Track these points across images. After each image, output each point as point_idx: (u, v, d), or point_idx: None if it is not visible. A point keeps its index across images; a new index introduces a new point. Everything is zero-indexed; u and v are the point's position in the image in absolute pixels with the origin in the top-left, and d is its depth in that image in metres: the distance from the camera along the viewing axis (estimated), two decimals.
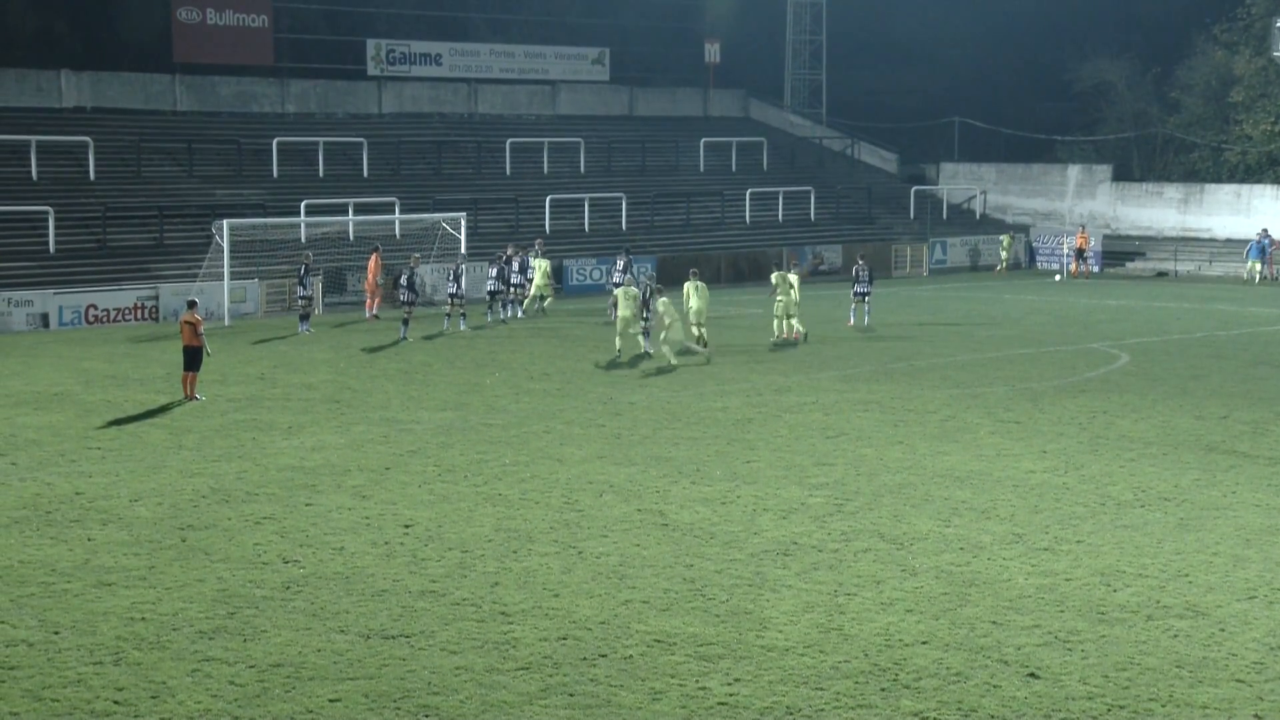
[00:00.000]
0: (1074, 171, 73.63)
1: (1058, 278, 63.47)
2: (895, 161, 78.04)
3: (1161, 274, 65.66)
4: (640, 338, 38.20)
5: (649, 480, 23.64)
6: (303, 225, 51.49)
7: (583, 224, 60.25)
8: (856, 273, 45.46)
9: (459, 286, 43.77)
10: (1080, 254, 64.45)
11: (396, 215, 53.96)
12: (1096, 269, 65.86)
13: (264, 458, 25.34)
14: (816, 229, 66.20)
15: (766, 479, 23.78)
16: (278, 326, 44.77)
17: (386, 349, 39.64)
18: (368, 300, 46.90)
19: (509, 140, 64.26)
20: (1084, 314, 48.95)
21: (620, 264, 47.98)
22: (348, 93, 65.56)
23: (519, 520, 21.13)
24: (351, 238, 52.78)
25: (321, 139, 59.69)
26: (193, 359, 31.02)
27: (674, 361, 36.07)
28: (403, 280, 42.14)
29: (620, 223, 61.12)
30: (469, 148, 64.66)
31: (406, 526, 20.77)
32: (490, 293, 46.29)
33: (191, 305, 31.99)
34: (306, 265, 44.30)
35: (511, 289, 46.80)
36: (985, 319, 47.47)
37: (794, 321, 40.98)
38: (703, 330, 38.44)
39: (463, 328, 43.20)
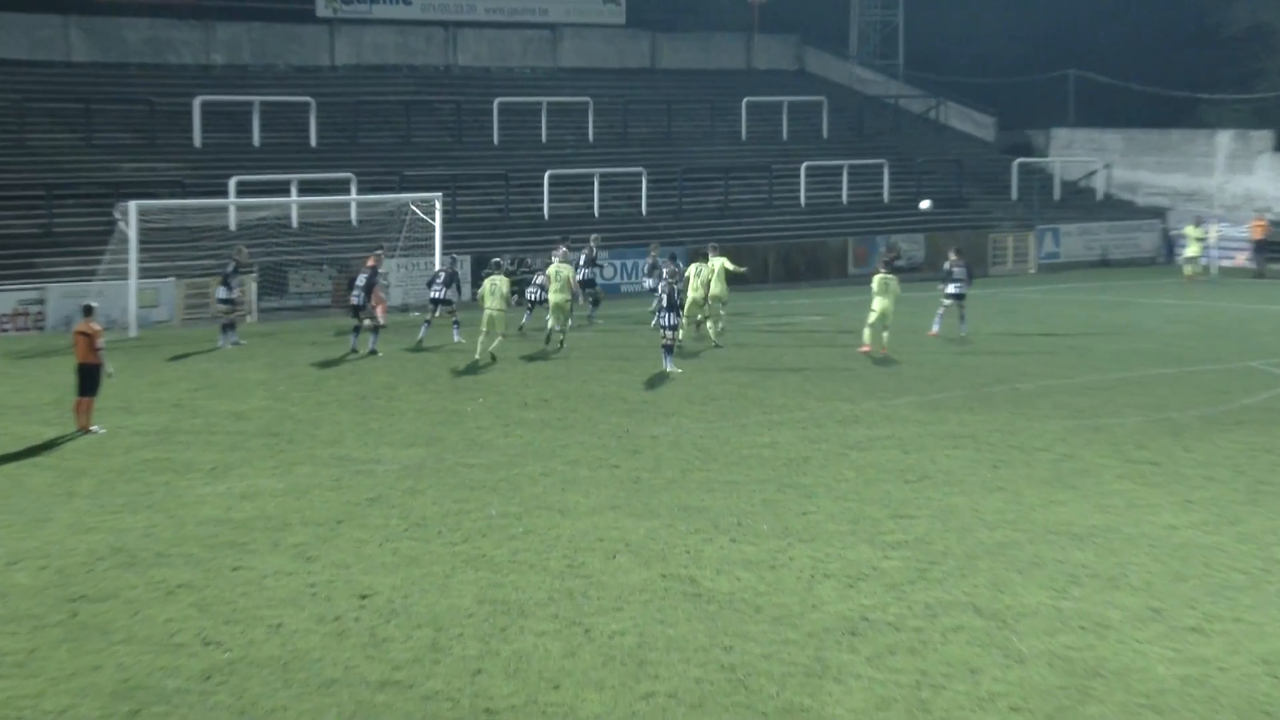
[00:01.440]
0: (1224, 139, 73.54)
1: (1196, 270, 63.02)
2: (992, 127, 78.08)
3: None
4: (665, 359, 38.45)
5: (676, 537, 23.51)
6: (232, 209, 51.53)
7: (591, 208, 60.25)
8: (949, 269, 45.35)
9: (447, 290, 43.46)
10: (1262, 247, 64.20)
11: (353, 197, 53.99)
12: (1255, 266, 65.66)
13: (180, 508, 25.24)
14: (891, 214, 66.18)
15: (828, 536, 23.64)
16: (199, 339, 44.77)
17: (339, 367, 39.58)
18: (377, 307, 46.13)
19: (497, 100, 64.37)
20: (1239, 324, 48.80)
21: (648, 263, 48.09)
22: (291, 39, 65.77)
23: (508, 589, 21.00)
24: (295, 225, 52.84)
25: (257, 98, 59.81)
26: (88, 380, 30.95)
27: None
28: (359, 282, 41.98)
29: (639, 206, 61.18)
30: (446, 110, 64.79)
31: (363, 597, 20.66)
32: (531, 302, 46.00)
33: (88, 312, 31.93)
34: (237, 263, 44.13)
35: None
36: (1109, 329, 47.35)
37: (885, 335, 41.41)
38: (707, 321, 42.25)
39: (456, 338, 43.04)
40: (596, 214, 59.85)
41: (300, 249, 51.86)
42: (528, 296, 45.89)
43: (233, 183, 52.69)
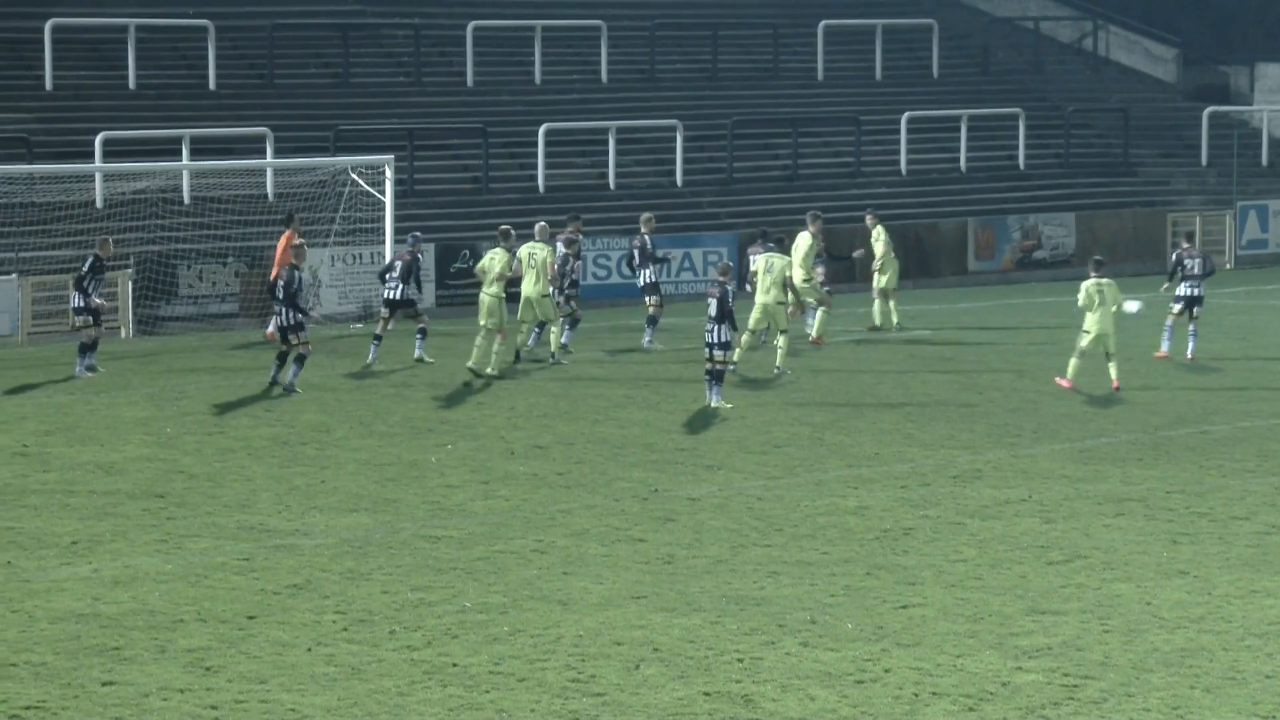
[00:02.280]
0: None
1: None
2: (1173, 62, 78.02)
3: None
4: (710, 391, 38.52)
5: (724, 640, 23.60)
6: (98, 179, 51.65)
7: (606, 176, 60.30)
8: (1179, 260, 45.21)
9: (406, 287, 43.55)
10: None
11: (268, 160, 54.01)
12: None
13: (27, 598, 25.35)
14: (1029, 184, 66.28)
15: (938, 638, 23.73)
16: (53, 361, 44.92)
17: (250, 403, 39.67)
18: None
19: (470, 24, 64.38)
20: None
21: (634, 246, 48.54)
22: None
23: (489, 711, 21.10)
24: (186, 200, 52.98)
25: (132, 20, 59.85)
26: None
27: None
28: (280, 284, 41.62)
29: (674, 174, 61.22)
30: (400, 38, 64.91)
31: None
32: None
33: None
34: (98, 258, 43.78)
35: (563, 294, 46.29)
36: None
37: (1112, 366, 40.83)
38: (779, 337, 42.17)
39: (418, 353, 43.16)
40: (612, 185, 60.03)
41: (195, 235, 51.93)
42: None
43: (99, 140, 52.88)
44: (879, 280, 50.17)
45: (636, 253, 47.47)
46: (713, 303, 38.91)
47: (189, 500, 30.93)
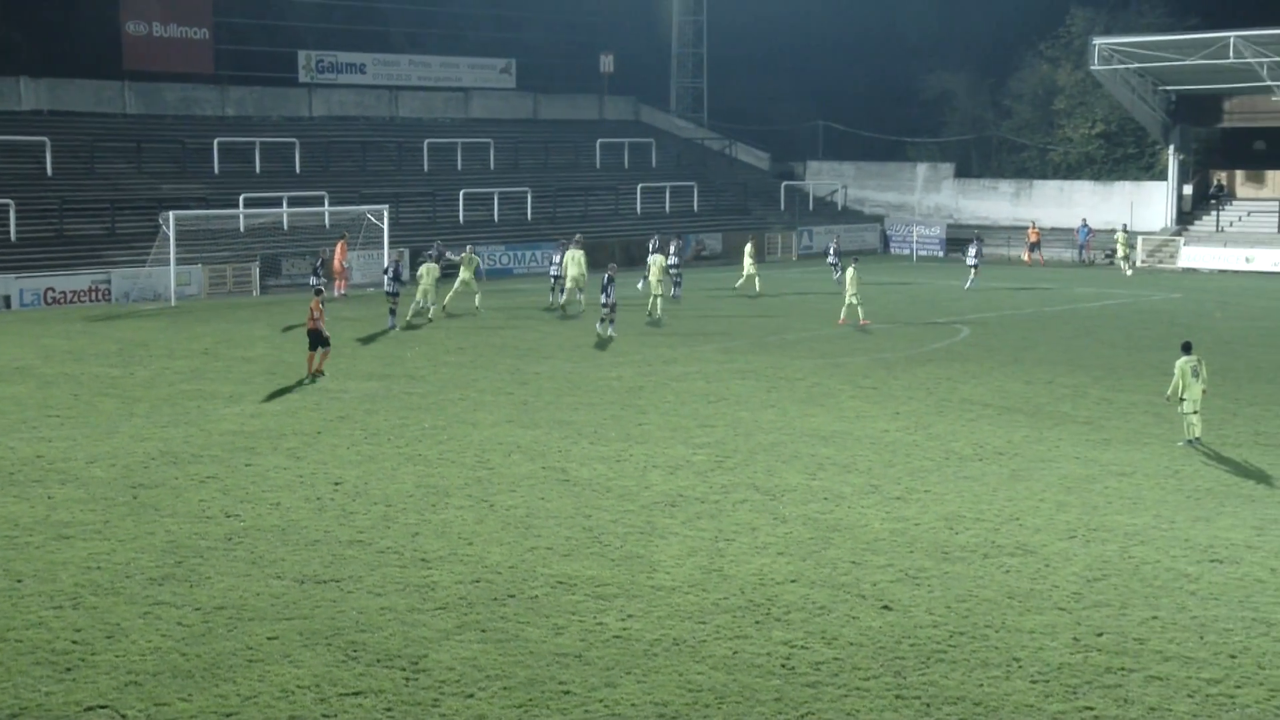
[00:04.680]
0: (921, 169, 74.49)
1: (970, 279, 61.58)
2: (768, 160, 78.32)
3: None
4: (600, 325, 36.46)
5: (552, 441, 23.60)
6: (241, 216, 50.65)
7: (492, 215, 59.86)
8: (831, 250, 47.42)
9: (398, 283, 39.02)
10: (1034, 247, 62.16)
11: (326, 208, 53.12)
12: (941, 254, 66.68)
13: (208, 423, 24.94)
14: (699, 219, 66.30)
15: (656, 439, 23.83)
16: (220, 307, 44.04)
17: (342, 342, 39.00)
18: (337, 282, 45.88)
19: (426, 141, 63.62)
20: (931, 294, 49.50)
21: (673, 248, 46.62)
22: (281, 98, 64.49)
23: (437, 478, 21.01)
24: (285, 227, 52.03)
25: (258, 139, 58.63)
26: (316, 340, 29.60)
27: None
28: (393, 266, 39.50)
29: (526, 214, 60.81)
30: (391, 147, 63.91)
31: (336, 484, 20.57)
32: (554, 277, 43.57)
33: (318, 293, 30.61)
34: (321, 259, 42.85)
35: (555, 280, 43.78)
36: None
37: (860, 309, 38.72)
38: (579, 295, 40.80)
39: (391, 324, 38.75)
40: (496, 220, 59.38)
41: (289, 244, 51.08)
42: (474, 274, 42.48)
43: (242, 198, 51.70)
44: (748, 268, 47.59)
45: (673, 247, 45.73)
46: (607, 276, 36.31)
47: (287, 375, 30.32)
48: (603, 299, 36.20)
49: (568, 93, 76.39)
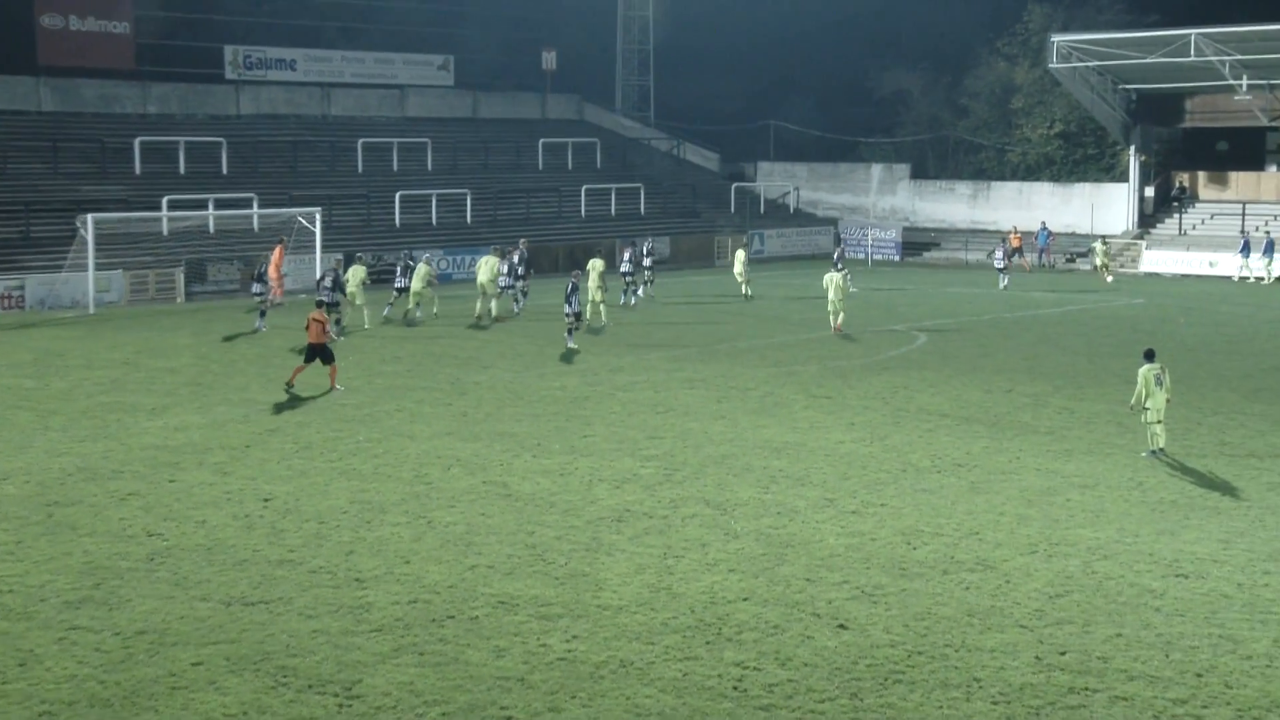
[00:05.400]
0: (876, 170, 74.97)
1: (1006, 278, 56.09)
2: (717, 160, 78.59)
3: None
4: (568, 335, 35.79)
5: (493, 454, 23.51)
6: (165, 219, 50.19)
7: (430, 219, 59.64)
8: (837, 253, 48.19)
9: (332, 292, 37.95)
10: (1016, 252, 60.56)
11: (255, 210, 52.79)
12: (897, 258, 67.11)
13: (129, 437, 24.66)
14: (646, 222, 66.26)
15: (601, 452, 23.78)
16: (143, 315, 43.58)
17: (246, 335, 38.79)
18: (275, 288, 44.31)
19: (361, 140, 63.32)
20: (886, 299, 49.75)
21: (627, 255, 46.62)
22: (207, 95, 63.97)
23: (372, 493, 20.87)
24: (212, 231, 51.59)
25: (182, 138, 58.08)
26: (322, 353, 29.27)
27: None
28: (256, 273, 40.35)
29: (465, 217, 60.63)
30: (323, 147, 63.56)
31: (266, 500, 20.39)
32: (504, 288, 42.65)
33: (319, 305, 30.32)
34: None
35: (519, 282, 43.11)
36: (800, 304, 47.95)
37: (841, 316, 38.73)
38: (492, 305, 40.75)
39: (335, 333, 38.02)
40: (434, 223, 59.23)
41: (216, 248, 50.66)
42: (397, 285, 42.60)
43: (165, 200, 51.18)
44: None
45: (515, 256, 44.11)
46: (571, 284, 35.69)
47: (214, 386, 30.15)
48: (566, 309, 35.64)
49: (509, 90, 76.35)
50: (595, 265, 41.91)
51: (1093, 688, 13.73)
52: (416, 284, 41.44)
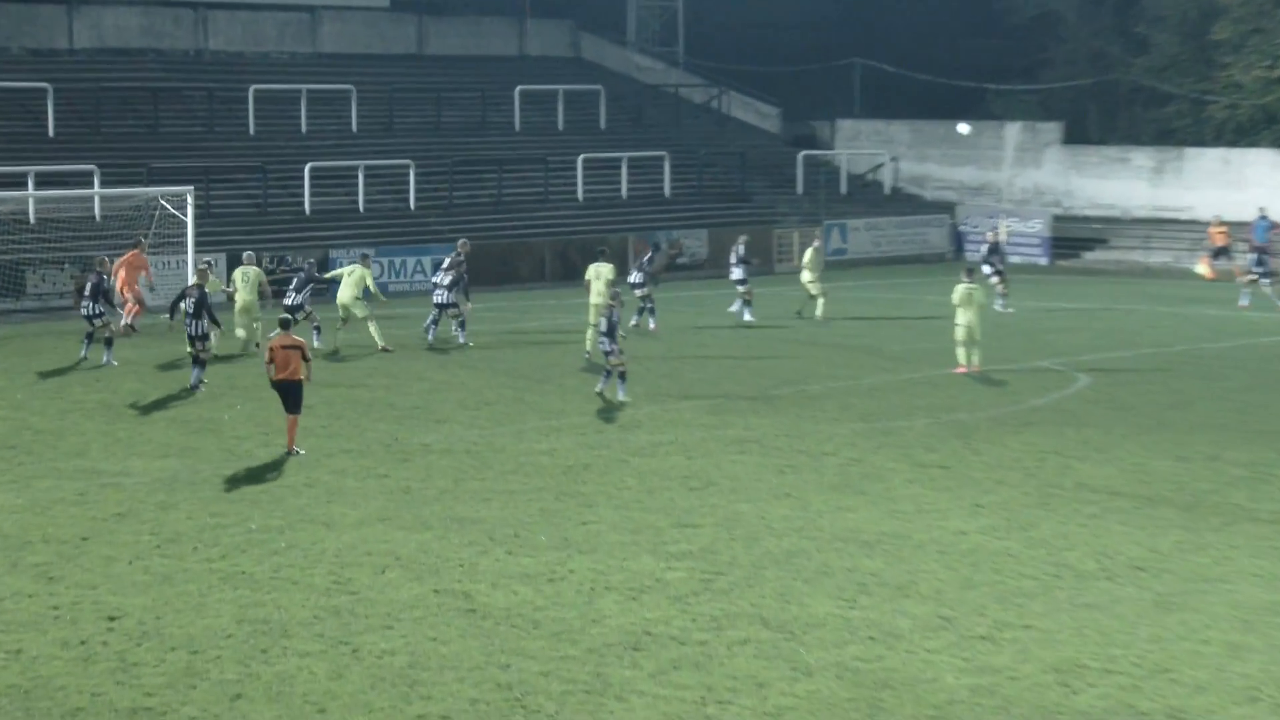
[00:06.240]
0: (1012, 131, 74.96)
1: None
2: (777, 118, 78.77)
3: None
4: (606, 380, 35.95)
5: (449, 550, 23.46)
6: None
7: (356, 203, 59.80)
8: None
9: (298, 295, 40.58)
10: (1221, 252, 60.60)
11: (96, 190, 52.97)
12: (1044, 260, 67.00)
13: None
14: (673, 208, 66.46)
15: (609, 546, 23.72)
16: None
17: (83, 374, 38.82)
18: (128, 307, 44.05)
19: (252, 87, 63.56)
20: (1028, 322, 49.67)
21: (647, 257, 47.78)
22: (24, 19, 64.33)
23: (269, 608, 20.83)
24: (32, 220, 51.79)
25: None
26: (289, 394, 30.16)
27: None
28: (86, 290, 39.98)
29: (408, 200, 60.82)
30: (197, 98, 63.90)
31: (112, 619, 20.36)
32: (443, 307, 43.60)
33: (284, 325, 31.01)
34: None
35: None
36: (898, 328, 47.89)
37: (976, 352, 39.20)
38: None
39: (317, 342, 40.72)
40: (362, 209, 59.41)
41: (39, 247, 50.84)
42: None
43: None
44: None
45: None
46: (603, 321, 35.68)
47: (35, 449, 30.22)
48: (605, 344, 35.40)
49: (470, 15, 76.78)
50: (600, 273, 41.79)
51: None
52: (347, 293, 41.47)
